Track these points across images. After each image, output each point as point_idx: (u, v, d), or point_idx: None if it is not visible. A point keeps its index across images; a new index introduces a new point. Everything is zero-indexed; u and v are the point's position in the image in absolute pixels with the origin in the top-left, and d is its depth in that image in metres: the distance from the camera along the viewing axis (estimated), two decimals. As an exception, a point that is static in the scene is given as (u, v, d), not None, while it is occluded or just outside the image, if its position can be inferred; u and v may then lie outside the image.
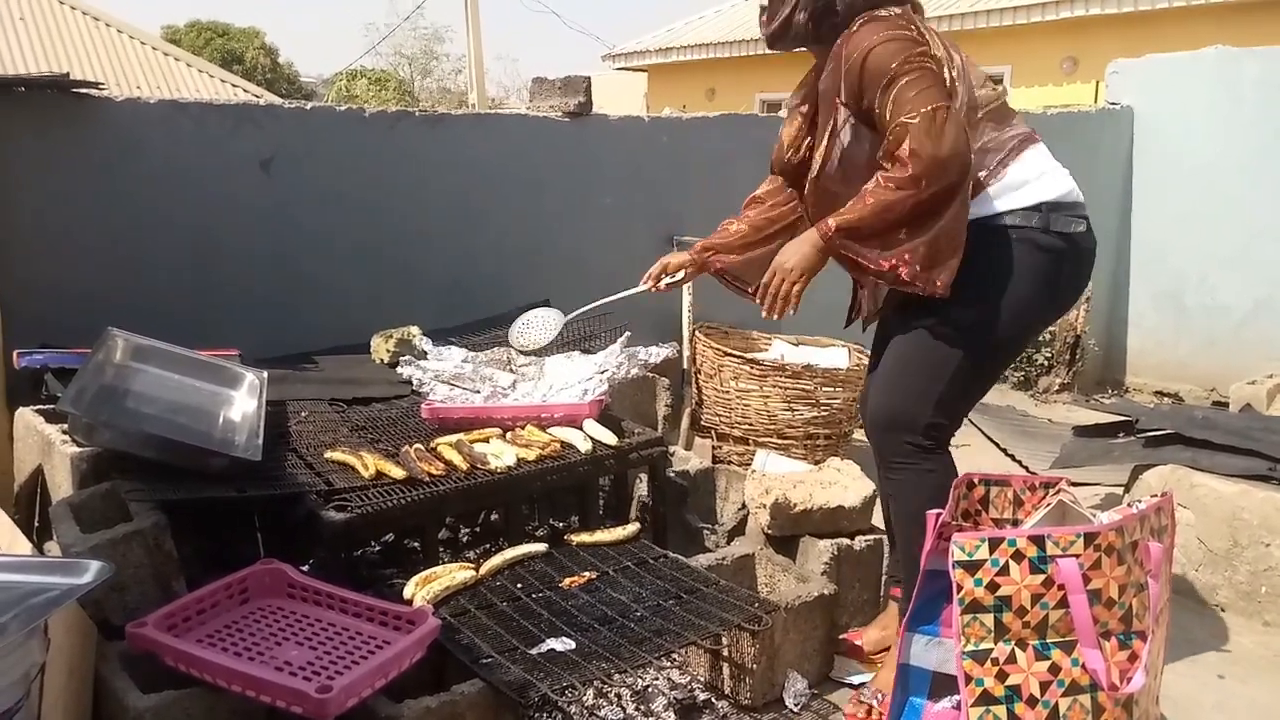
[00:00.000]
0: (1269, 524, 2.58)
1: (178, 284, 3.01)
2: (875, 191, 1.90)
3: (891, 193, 1.88)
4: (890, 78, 1.90)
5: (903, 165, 1.87)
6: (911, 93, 1.89)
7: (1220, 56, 5.06)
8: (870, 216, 1.90)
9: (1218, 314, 5.12)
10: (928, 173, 1.86)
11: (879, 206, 1.89)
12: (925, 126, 1.86)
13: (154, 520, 1.85)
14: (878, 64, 1.92)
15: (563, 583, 2.01)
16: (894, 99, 1.90)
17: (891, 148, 1.90)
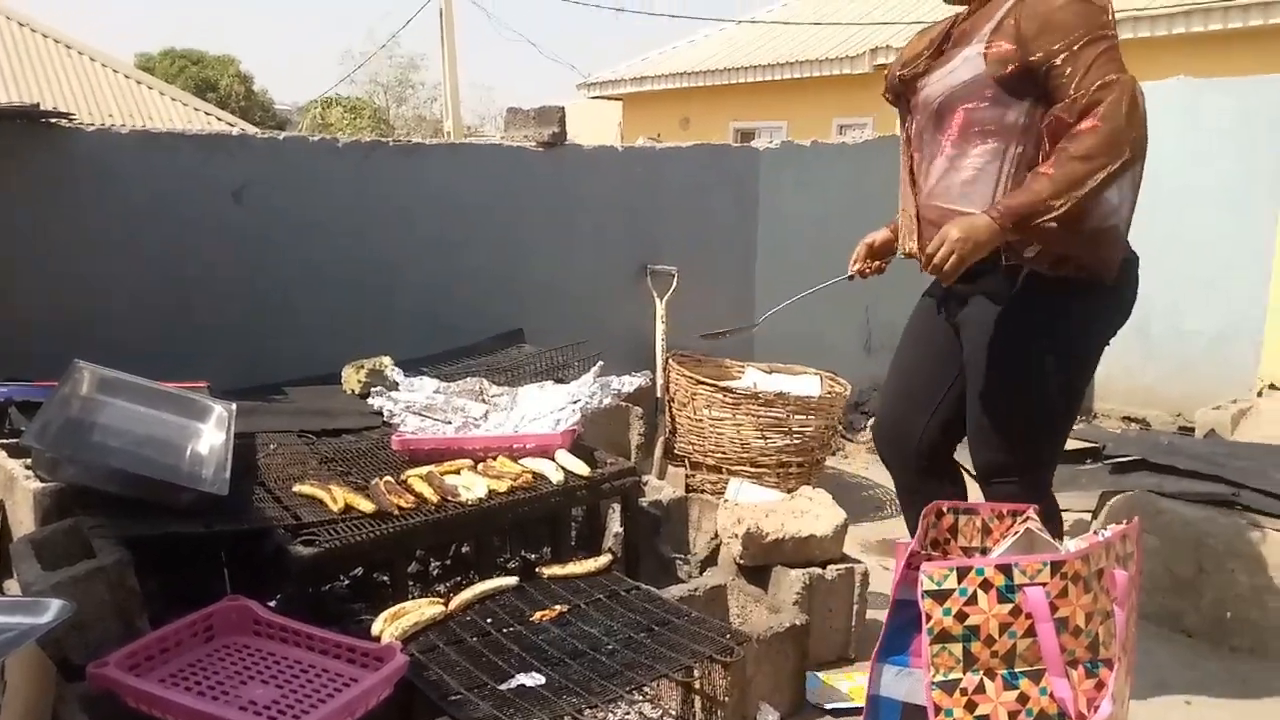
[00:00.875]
0: (1233, 549, 2.61)
1: (147, 316, 2.99)
2: (1059, 165, 1.82)
3: (1077, 164, 1.80)
4: (1089, 38, 1.82)
5: (1091, 132, 1.80)
6: (1107, 61, 1.82)
7: (1184, 87, 5.16)
8: (1051, 196, 1.81)
9: (1184, 341, 5.19)
10: (1116, 143, 1.80)
11: (1064, 184, 1.81)
12: (1120, 97, 1.80)
13: (117, 557, 1.82)
14: (1077, 18, 1.84)
15: (533, 617, 2.00)
16: (1089, 62, 1.81)
17: (1080, 111, 1.82)
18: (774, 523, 2.47)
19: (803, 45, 11.53)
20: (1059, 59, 1.84)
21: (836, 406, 3.60)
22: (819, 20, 11.72)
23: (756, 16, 13.68)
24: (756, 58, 12.01)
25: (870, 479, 4.14)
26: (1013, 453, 2.08)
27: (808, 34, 11.64)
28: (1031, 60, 1.87)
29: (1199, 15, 8.44)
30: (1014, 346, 2.03)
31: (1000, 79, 1.91)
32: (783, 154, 4.44)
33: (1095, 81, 1.81)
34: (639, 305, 4.01)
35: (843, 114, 11.15)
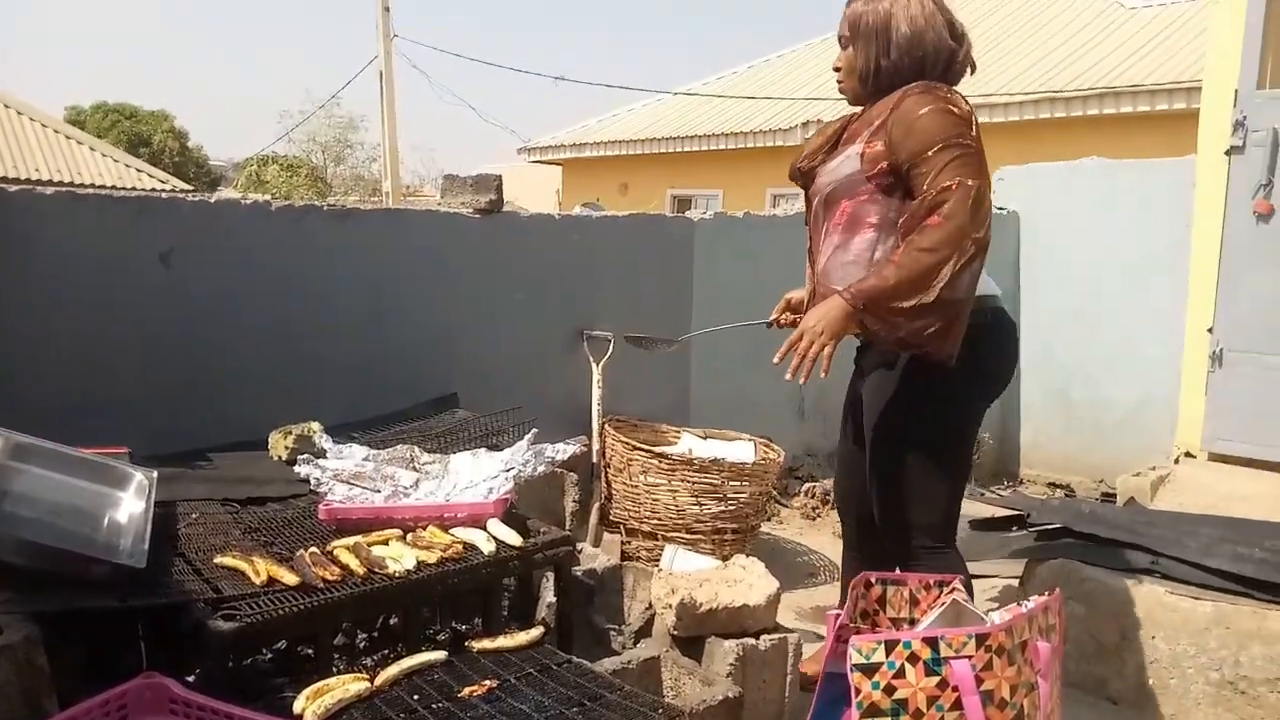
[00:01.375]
0: (1152, 617, 2.67)
1: (67, 378, 2.90)
2: (905, 255, 2.01)
3: (922, 255, 1.99)
4: (944, 144, 2.04)
5: (936, 228, 1.99)
6: (960, 165, 2.03)
7: (1097, 166, 5.42)
8: (896, 283, 2.00)
9: (1103, 409, 5.36)
10: (958, 238, 1.99)
11: (907, 272, 1.99)
12: (963, 198, 1.99)
13: (25, 633, 1.75)
14: (937, 126, 2.06)
15: (462, 693, 1.95)
16: (941, 165, 2.03)
17: (927, 208, 2.03)
18: (708, 592, 2.47)
19: (738, 117, 11.85)
20: (918, 161, 2.06)
21: (770, 472, 3.63)
22: (753, 94, 12.08)
23: (693, 89, 14.03)
24: (693, 128, 12.31)
25: (804, 545, 4.16)
26: (903, 514, 2.28)
27: (743, 106, 11.97)
28: (898, 161, 2.11)
29: (1111, 98, 8.89)
30: (891, 417, 2.25)
31: (872, 177, 2.16)
32: (717, 224, 4.53)
33: (944, 183, 2.01)
34: (575, 370, 4.02)
35: (776, 184, 11.44)
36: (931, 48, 2.19)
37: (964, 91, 2.23)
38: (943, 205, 2.00)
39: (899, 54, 2.19)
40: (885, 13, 2.20)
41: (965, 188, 2.01)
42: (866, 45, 2.22)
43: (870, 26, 2.22)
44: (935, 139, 2.05)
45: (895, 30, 2.19)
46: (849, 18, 2.26)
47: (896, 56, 2.19)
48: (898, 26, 2.19)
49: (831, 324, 2.03)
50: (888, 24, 2.20)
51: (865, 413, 2.31)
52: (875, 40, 2.21)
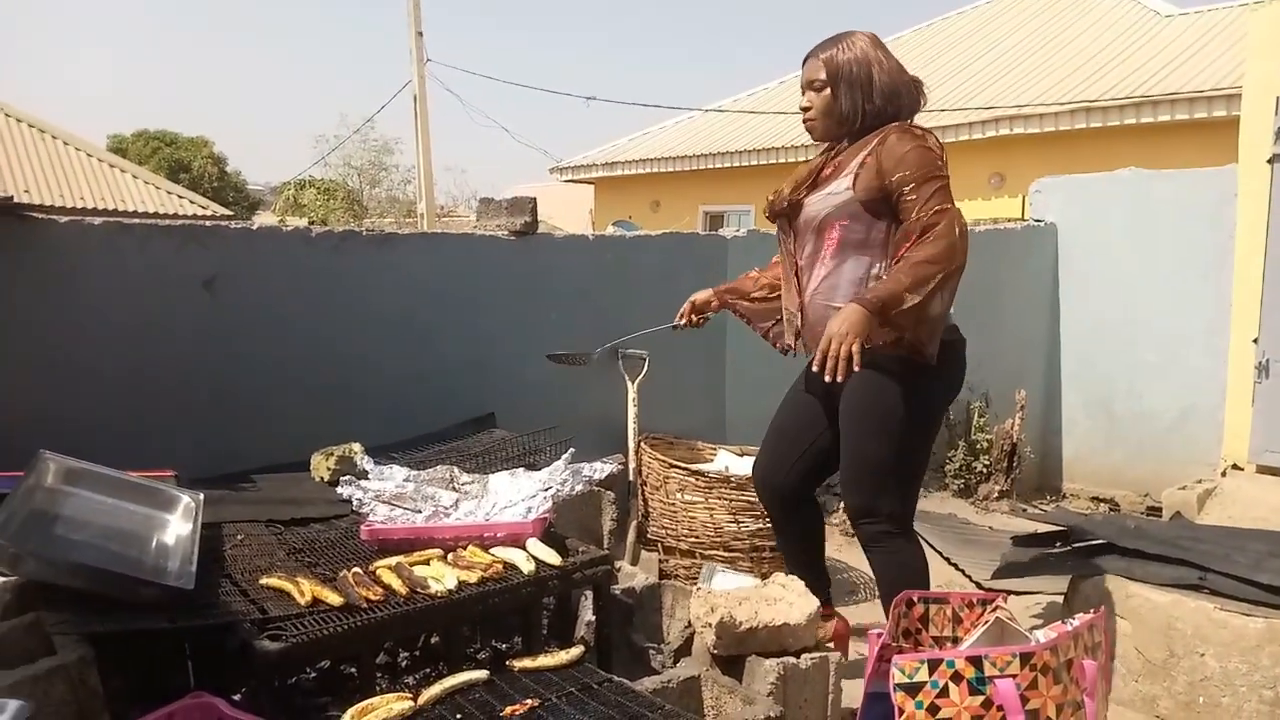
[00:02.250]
0: (1201, 634, 2.62)
1: (116, 405, 2.97)
2: (909, 266, 2.27)
3: (921, 266, 2.25)
4: (931, 175, 2.34)
5: (934, 242, 2.27)
6: (942, 194, 2.34)
7: (1135, 177, 5.36)
8: (905, 290, 2.25)
9: (1146, 421, 5.29)
10: (951, 254, 2.27)
11: (913, 280, 2.25)
12: (951, 221, 2.30)
13: (79, 654, 1.79)
14: (922, 160, 2.36)
15: (504, 712, 1.96)
16: (930, 193, 2.32)
17: (927, 225, 2.30)
18: (747, 610, 2.46)
19: (769, 133, 11.86)
20: (908, 188, 2.34)
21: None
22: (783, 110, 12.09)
23: (724, 105, 14.07)
24: (724, 144, 12.33)
25: (844, 561, 4.13)
26: (874, 497, 2.51)
27: (774, 122, 11.98)
28: (888, 187, 2.38)
29: (1148, 107, 8.79)
30: (879, 415, 2.48)
31: (865, 203, 2.42)
32: (749, 241, 4.53)
33: (933, 208, 2.31)
34: (610, 389, 4.03)
35: (809, 199, 11.41)
36: (905, 95, 2.50)
37: (995, 104, 2.34)
38: (936, 226, 2.28)
39: (882, 100, 2.46)
40: (865, 62, 2.47)
41: (951, 213, 2.30)
42: (851, 91, 2.47)
43: (854, 75, 2.46)
44: (923, 170, 2.34)
45: (877, 79, 2.46)
46: (827, 65, 2.48)
47: (881, 102, 2.46)
48: (879, 76, 2.46)
49: (855, 326, 2.21)
50: (870, 73, 2.46)
51: (849, 410, 2.52)
52: (859, 87, 2.47)
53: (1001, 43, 12.34)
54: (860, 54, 2.47)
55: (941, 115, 10.25)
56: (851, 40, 2.49)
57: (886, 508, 2.50)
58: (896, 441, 2.47)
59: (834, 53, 2.48)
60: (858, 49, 2.48)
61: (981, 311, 5.46)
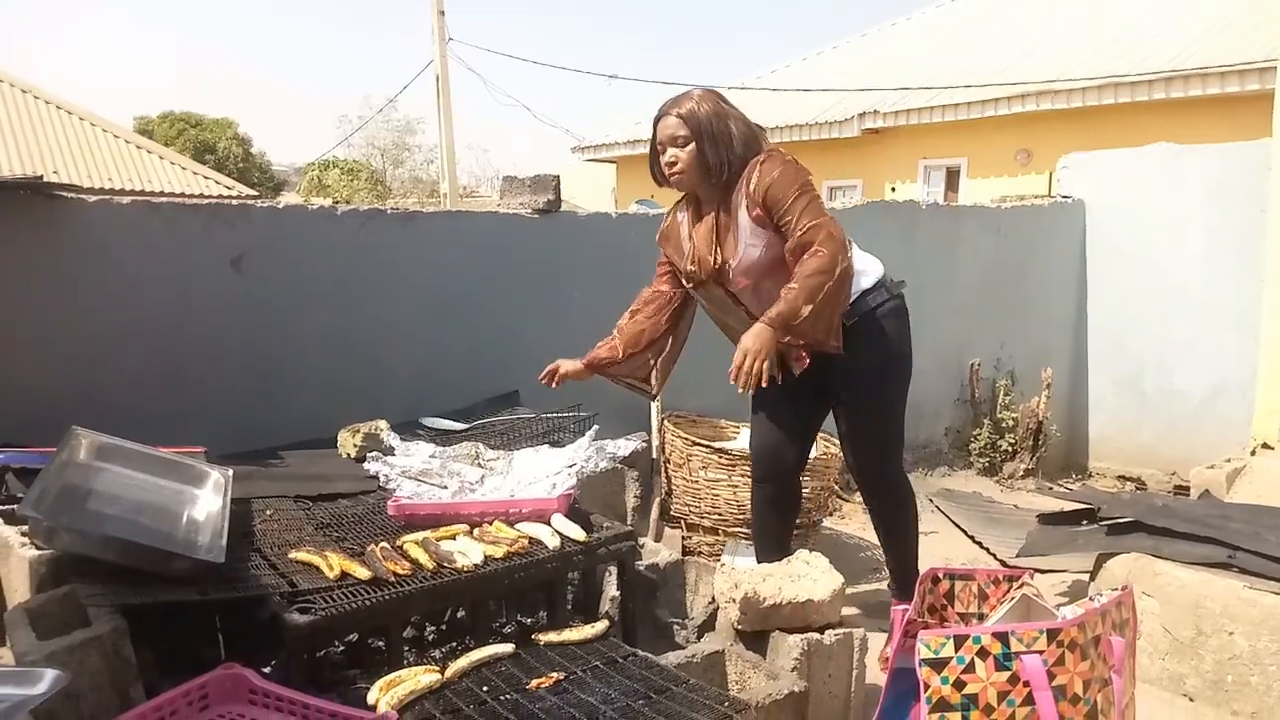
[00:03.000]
0: (1230, 612, 2.60)
1: (145, 381, 3.00)
2: (800, 281, 2.50)
3: (810, 279, 2.49)
4: (797, 195, 2.55)
5: (818, 256, 2.51)
6: (812, 206, 2.56)
7: (1164, 152, 5.28)
8: (799, 302, 2.50)
9: (1175, 399, 5.23)
10: (833, 261, 2.51)
11: (805, 293, 2.49)
12: (827, 233, 2.53)
13: (113, 625, 1.82)
14: (785, 182, 2.56)
15: (530, 684, 1.98)
16: (802, 209, 2.54)
17: (805, 244, 2.53)
18: (771, 587, 2.46)
19: (792, 110, 11.76)
20: (781, 211, 2.56)
21: (832, 468, 3.61)
22: (807, 87, 11.98)
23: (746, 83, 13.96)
24: (747, 122, 12.22)
25: (867, 540, 4.13)
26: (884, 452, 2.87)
27: (797, 99, 11.88)
28: (770, 213, 2.58)
29: (1179, 82, 8.64)
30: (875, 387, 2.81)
31: (765, 230, 2.61)
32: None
33: (806, 225, 2.53)
34: (634, 367, 4.02)
35: (833, 177, 11.33)
36: (757, 140, 2.66)
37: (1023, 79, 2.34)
38: (813, 241, 2.51)
39: (742, 148, 2.61)
40: (722, 115, 2.63)
41: (824, 225, 2.53)
42: (715, 147, 2.61)
43: (715, 129, 2.60)
44: (788, 193, 2.54)
45: (734, 130, 2.62)
46: (687, 121, 2.61)
47: (741, 150, 2.61)
48: (735, 127, 2.62)
49: (764, 343, 2.48)
50: (728, 126, 2.62)
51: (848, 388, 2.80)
52: (720, 142, 2.61)
53: (1030, 17, 12.16)
54: (715, 108, 2.62)
55: (968, 91, 10.13)
56: (702, 97, 2.64)
57: (895, 459, 2.91)
58: (896, 407, 2.86)
59: (692, 108, 2.62)
60: (711, 103, 2.63)
61: (1008, 289, 5.41)
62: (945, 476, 5.12)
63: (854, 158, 11.26)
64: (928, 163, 10.82)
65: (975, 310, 5.31)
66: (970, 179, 10.36)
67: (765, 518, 3.04)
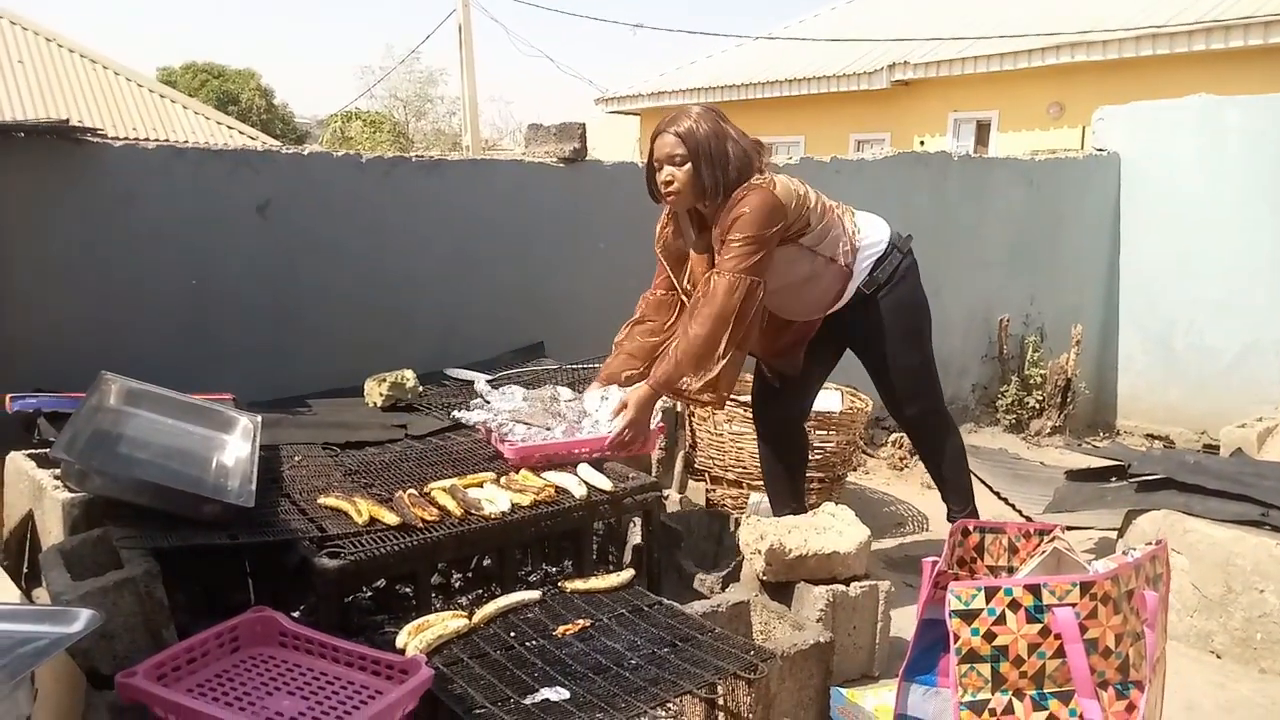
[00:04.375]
0: (1261, 570, 2.58)
1: (173, 328, 3.01)
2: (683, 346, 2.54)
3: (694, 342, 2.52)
4: (741, 240, 2.52)
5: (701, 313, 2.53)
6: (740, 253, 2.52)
7: (1204, 104, 5.15)
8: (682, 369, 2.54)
9: (1207, 357, 5.16)
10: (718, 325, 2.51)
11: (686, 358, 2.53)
12: (725, 283, 2.51)
13: (145, 568, 1.84)
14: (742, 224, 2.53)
15: (556, 631, 2.00)
16: (731, 253, 2.53)
17: (702, 288, 2.58)
18: (797, 539, 2.46)
19: (820, 61, 11.56)
20: (723, 242, 2.56)
21: (858, 422, 3.59)
22: (836, 37, 11.75)
23: (774, 33, 13.72)
24: (774, 73, 12.04)
25: (892, 494, 4.12)
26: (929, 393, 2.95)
27: (825, 50, 11.67)
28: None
29: (1219, 32, 8.41)
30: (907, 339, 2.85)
31: None
32: (801, 169, 4.43)
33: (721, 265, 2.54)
34: (659, 320, 4.00)
35: (860, 129, 11.16)
36: (754, 159, 2.61)
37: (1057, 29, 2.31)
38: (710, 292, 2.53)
39: (736, 171, 2.56)
40: (720, 136, 2.57)
41: (723, 278, 2.51)
42: (710, 167, 2.56)
43: (711, 150, 2.56)
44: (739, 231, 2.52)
45: (731, 151, 2.57)
46: (685, 140, 2.56)
47: (735, 173, 2.56)
48: (732, 148, 2.57)
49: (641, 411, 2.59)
50: (724, 147, 2.57)
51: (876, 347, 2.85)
52: (717, 163, 2.56)
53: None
54: (713, 128, 2.58)
55: (1000, 41, 9.90)
56: (700, 116, 2.59)
57: (939, 400, 2.99)
58: (919, 356, 2.89)
59: (690, 127, 2.57)
60: (710, 123, 2.58)
61: (1039, 244, 5.33)
62: (971, 433, 5.08)
63: (883, 110, 11.07)
64: (958, 115, 10.62)
65: (1006, 265, 5.24)
66: (1001, 133, 10.17)
67: (773, 468, 3.06)
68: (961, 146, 10.23)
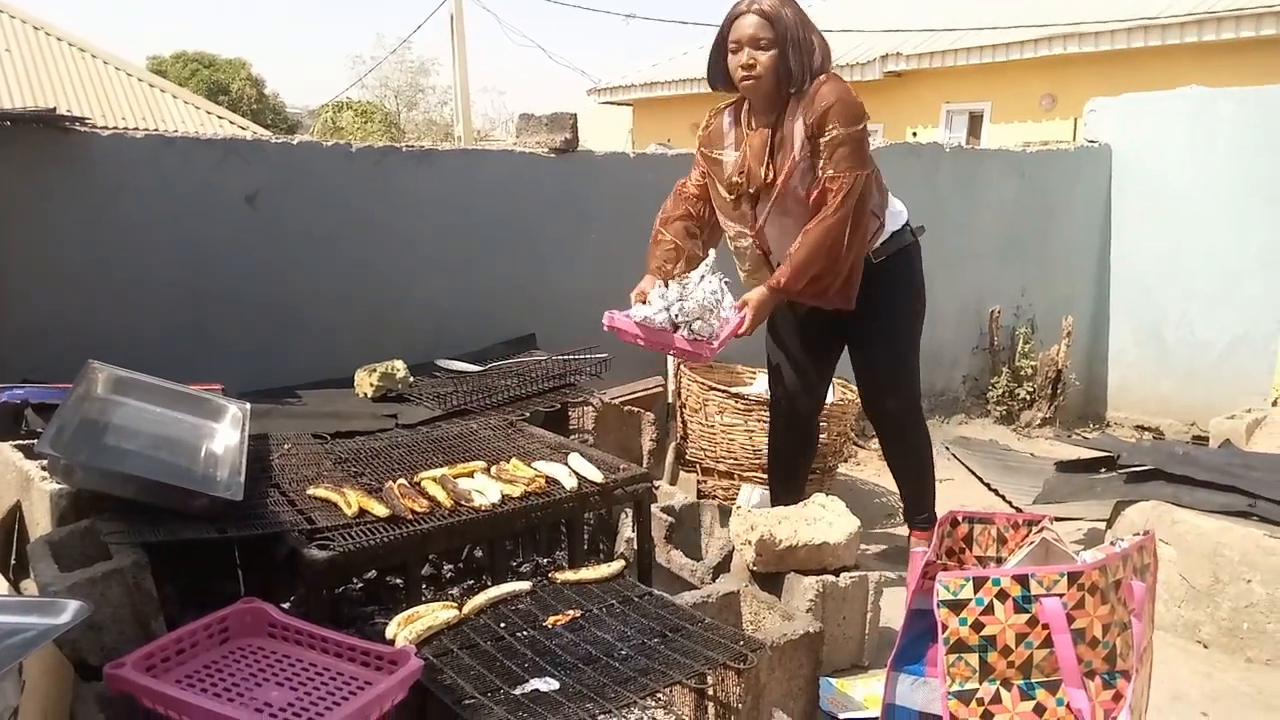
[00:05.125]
0: (1249, 560, 2.59)
1: (161, 318, 3.00)
2: (806, 246, 2.48)
3: (819, 244, 2.47)
4: (846, 133, 2.44)
5: (824, 222, 2.46)
6: (853, 152, 2.46)
7: (1196, 96, 5.15)
8: (801, 269, 2.49)
9: (1197, 349, 5.17)
10: (842, 226, 2.46)
11: (806, 261, 2.48)
12: (853, 184, 2.45)
13: (133, 559, 1.83)
14: (839, 116, 2.45)
15: (547, 621, 2.00)
16: (842, 152, 2.45)
17: (824, 193, 2.48)
18: (787, 529, 2.47)
19: (813, 52, 11.53)
20: (825, 142, 2.46)
21: (849, 413, 3.59)
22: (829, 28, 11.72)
23: (767, 23, 13.67)
24: (767, 64, 12.00)
25: (882, 486, 4.12)
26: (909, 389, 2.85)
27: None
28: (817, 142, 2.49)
29: (1211, 24, 8.41)
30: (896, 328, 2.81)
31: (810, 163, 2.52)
32: (795, 160, 4.44)
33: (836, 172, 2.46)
34: (651, 311, 4.00)
35: (853, 121, 11.13)
36: (829, 59, 2.56)
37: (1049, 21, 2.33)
38: (834, 194, 2.46)
39: (819, 61, 2.50)
40: (805, 24, 2.51)
41: (851, 178, 2.45)
42: (797, 53, 2.48)
43: (799, 37, 2.48)
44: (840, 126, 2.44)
45: (815, 41, 2.51)
46: (774, 24, 2.47)
47: (818, 63, 2.50)
48: (815, 38, 2.52)
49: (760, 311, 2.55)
50: (810, 36, 2.51)
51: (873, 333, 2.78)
52: (802, 50, 2.49)
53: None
54: (798, 14, 2.51)
55: (993, 33, 9.90)
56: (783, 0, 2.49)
57: (916, 399, 2.89)
58: (911, 344, 2.83)
59: (777, 8, 2.47)
60: (794, 8, 2.50)
61: (1031, 236, 5.33)
62: (962, 424, 5.10)
63: (875, 101, 10.98)
64: (950, 107, 10.62)
65: (997, 256, 5.24)
66: (993, 124, 10.17)
67: (783, 459, 3.06)
68: (954, 138, 10.24)
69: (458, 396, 2.92)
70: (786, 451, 3.06)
